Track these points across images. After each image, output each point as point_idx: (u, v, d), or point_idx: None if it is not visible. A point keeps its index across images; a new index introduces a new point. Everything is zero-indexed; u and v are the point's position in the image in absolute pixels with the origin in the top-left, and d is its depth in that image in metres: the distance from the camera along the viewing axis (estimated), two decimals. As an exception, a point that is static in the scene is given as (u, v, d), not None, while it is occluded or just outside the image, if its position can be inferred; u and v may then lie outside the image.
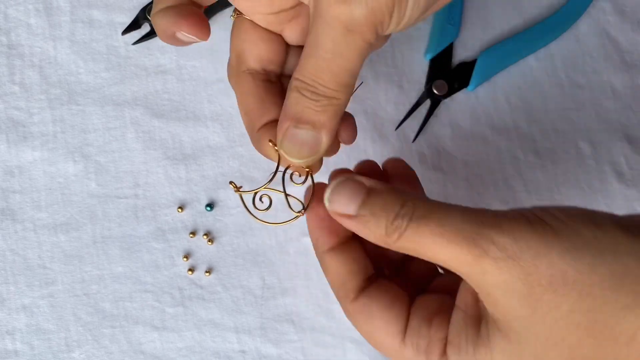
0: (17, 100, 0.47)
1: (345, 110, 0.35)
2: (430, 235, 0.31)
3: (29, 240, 0.45)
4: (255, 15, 0.37)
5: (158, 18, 0.36)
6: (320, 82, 0.33)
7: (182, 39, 0.37)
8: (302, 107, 0.33)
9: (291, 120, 0.34)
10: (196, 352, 0.43)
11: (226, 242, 0.45)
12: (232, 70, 0.39)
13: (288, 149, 0.34)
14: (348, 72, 0.33)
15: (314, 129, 0.34)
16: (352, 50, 0.32)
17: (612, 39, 0.51)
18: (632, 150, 0.49)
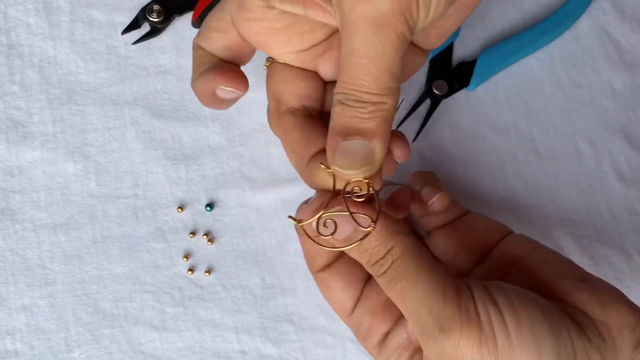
0: (17, 100, 0.47)
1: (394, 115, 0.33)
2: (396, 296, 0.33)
3: (28, 240, 0.45)
4: (288, 56, 0.36)
5: (197, 82, 0.37)
6: (363, 89, 0.31)
7: (222, 96, 0.36)
8: (348, 118, 0.31)
9: (339, 134, 0.32)
10: (196, 352, 0.43)
11: (226, 242, 0.45)
12: (273, 115, 0.37)
13: (341, 163, 0.32)
14: (388, 72, 0.31)
15: (364, 138, 0.32)
16: (387, 46, 0.30)
17: (612, 38, 0.51)
18: (632, 150, 0.49)
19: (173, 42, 0.49)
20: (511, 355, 0.30)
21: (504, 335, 0.31)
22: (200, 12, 0.48)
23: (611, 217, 0.48)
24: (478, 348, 0.30)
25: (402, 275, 0.32)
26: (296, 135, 0.36)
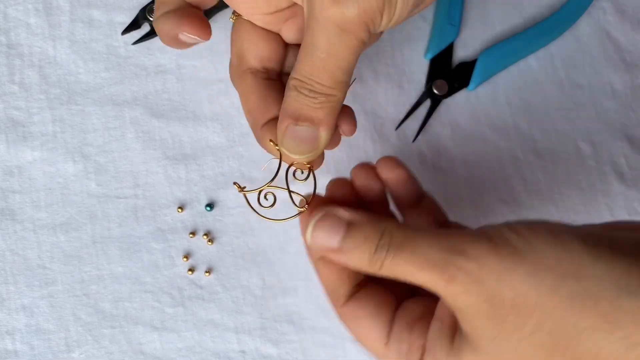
0: (17, 100, 0.47)
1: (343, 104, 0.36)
2: (406, 264, 0.33)
3: (28, 240, 0.45)
4: (254, 16, 0.38)
5: (160, 22, 0.38)
6: (317, 80, 0.34)
7: (184, 40, 0.38)
8: (300, 105, 0.35)
9: (290, 118, 0.35)
10: (196, 352, 0.43)
11: (226, 242, 0.45)
12: (234, 70, 0.40)
13: (288, 146, 0.36)
14: (343, 70, 0.34)
15: (312, 125, 0.35)
16: (347, 49, 0.34)
17: (612, 38, 0.51)
18: (632, 150, 0.49)
19: (173, 42, 0.49)
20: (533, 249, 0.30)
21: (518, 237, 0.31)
22: (200, 12, 0.48)
23: (611, 217, 0.48)
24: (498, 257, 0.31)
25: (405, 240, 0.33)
26: (254, 98, 0.38)
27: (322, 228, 0.34)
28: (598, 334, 0.29)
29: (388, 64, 0.49)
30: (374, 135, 0.48)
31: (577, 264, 0.30)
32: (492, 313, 0.31)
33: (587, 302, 0.29)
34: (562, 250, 0.30)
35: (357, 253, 0.34)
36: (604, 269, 0.30)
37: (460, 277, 0.31)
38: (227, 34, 0.49)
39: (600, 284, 0.29)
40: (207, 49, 0.49)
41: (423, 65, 0.49)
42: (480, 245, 0.31)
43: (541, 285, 0.30)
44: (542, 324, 0.30)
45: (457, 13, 0.50)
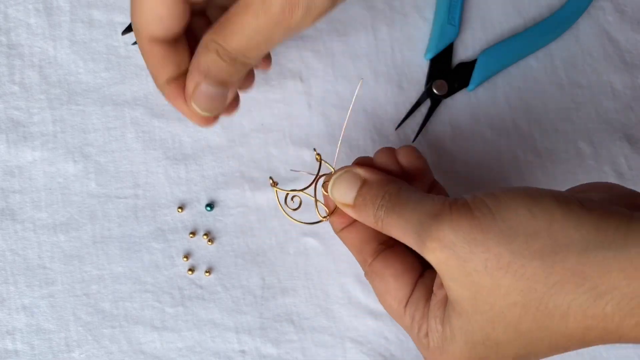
0: (17, 100, 0.47)
1: None
2: (394, 226, 0.35)
3: (28, 240, 0.45)
4: None
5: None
6: (243, 55, 0.35)
7: None
8: (217, 68, 0.35)
9: (203, 76, 0.36)
10: (196, 352, 0.44)
11: (226, 242, 0.45)
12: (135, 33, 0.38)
13: (200, 103, 0.37)
14: (271, 47, 0.35)
15: (224, 87, 0.36)
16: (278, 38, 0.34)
17: (612, 39, 0.51)
18: (632, 150, 0.49)
19: (173, 42, 0.49)
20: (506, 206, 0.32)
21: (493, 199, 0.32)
22: (200, 12, 0.48)
23: (611, 217, 0.48)
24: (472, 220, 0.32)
25: (397, 202, 0.36)
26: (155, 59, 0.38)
27: (341, 183, 0.38)
28: (567, 288, 0.31)
29: (388, 64, 0.49)
30: (374, 135, 0.48)
31: (549, 219, 0.31)
32: (465, 278, 0.32)
33: (557, 257, 0.31)
34: (534, 206, 0.32)
35: (365, 210, 0.37)
36: (574, 224, 0.31)
37: (430, 243, 0.33)
38: (227, 34, 0.49)
39: (570, 238, 0.31)
40: (207, 49, 0.49)
41: (423, 66, 0.49)
42: (456, 210, 0.33)
43: (514, 243, 0.31)
44: (515, 283, 0.31)
45: (457, 13, 0.50)
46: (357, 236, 0.40)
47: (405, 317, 0.38)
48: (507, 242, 0.31)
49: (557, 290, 0.31)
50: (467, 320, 0.33)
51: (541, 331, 0.32)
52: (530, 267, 0.31)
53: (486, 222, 0.32)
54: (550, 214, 0.31)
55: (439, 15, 0.50)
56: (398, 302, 0.38)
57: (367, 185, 0.38)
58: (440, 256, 0.33)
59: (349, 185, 0.38)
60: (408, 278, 0.38)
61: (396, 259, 0.39)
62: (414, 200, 0.35)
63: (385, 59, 0.49)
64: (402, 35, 0.50)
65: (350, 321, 0.44)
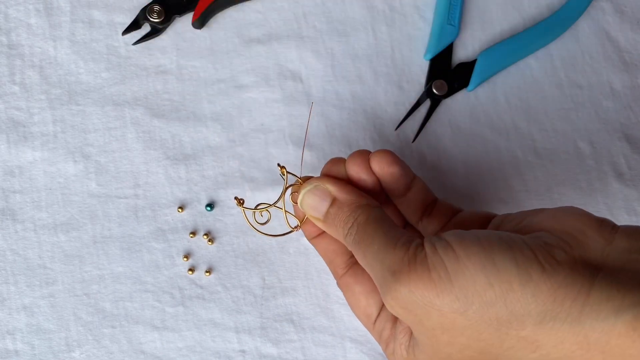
0: (18, 101, 0.47)
1: None
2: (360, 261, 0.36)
3: (29, 240, 0.45)
4: None
5: None
6: None
7: None
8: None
9: None
10: (196, 352, 0.44)
11: (226, 242, 0.46)
12: None
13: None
14: None
15: None
16: None
17: (612, 39, 0.51)
18: (632, 150, 0.49)
19: (173, 42, 0.49)
20: (463, 272, 0.31)
21: (452, 259, 0.32)
22: (200, 13, 0.48)
23: (610, 217, 0.48)
24: (429, 283, 0.32)
25: (363, 237, 0.35)
26: None
27: (310, 198, 0.38)
28: (520, 353, 0.31)
29: (388, 64, 0.49)
30: (374, 135, 0.48)
31: (506, 289, 0.31)
32: (425, 330, 0.33)
33: (513, 326, 0.31)
34: (494, 273, 0.31)
35: (335, 228, 0.37)
36: (531, 293, 0.30)
37: (391, 301, 0.33)
38: (226, 34, 0.49)
39: (525, 308, 0.30)
40: (207, 50, 0.49)
41: (423, 66, 0.49)
42: (414, 268, 0.32)
43: (469, 310, 0.31)
44: (470, 344, 0.32)
45: (456, 13, 0.50)
46: (329, 247, 0.41)
47: (374, 333, 0.39)
48: (463, 309, 0.31)
49: (511, 354, 0.32)
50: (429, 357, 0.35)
51: None
52: (486, 333, 0.31)
53: (442, 287, 0.32)
54: (508, 284, 0.31)
55: (438, 15, 0.50)
56: (367, 318, 0.39)
57: (336, 205, 0.38)
58: (399, 312, 0.33)
59: (319, 200, 0.38)
60: (377, 296, 0.39)
61: (366, 274, 0.39)
62: (378, 243, 0.35)
63: (385, 59, 0.49)
64: (402, 35, 0.50)
65: (350, 321, 0.44)
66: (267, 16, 0.50)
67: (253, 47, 0.49)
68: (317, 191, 0.38)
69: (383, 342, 0.39)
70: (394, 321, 0.38)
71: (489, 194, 0.48)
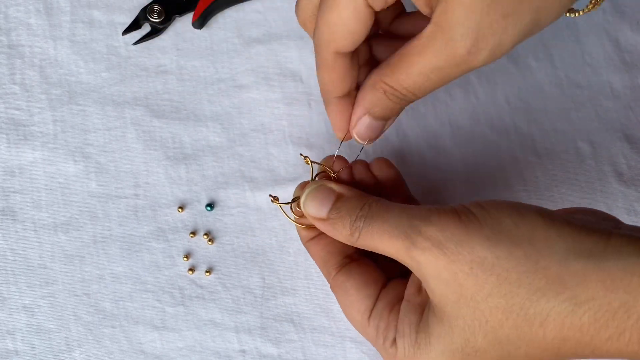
0: (18, 101, 0.47)
1: None
2: (378, 233, 0.35)
3: (29, 240, 0.45)
4: None
5: None
6: (413, 93, 0.36)
7: None
8: (382, 107, 0.37)
9: (367, 112, 0.37)
10: (196, 351, 0.44)
11: (226, 242, 0.46)
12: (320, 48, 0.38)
13: (360, 132, 0.38)
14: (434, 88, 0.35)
15: (385, 121, 0.38)
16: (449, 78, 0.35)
17: (612, 38, 0.51)
18: (632, 150, 0.49)
19: (173, 42, 0.49)
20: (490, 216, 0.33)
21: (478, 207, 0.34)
22: (200, 13, 0.48)
23: (611, 217, 0.48)
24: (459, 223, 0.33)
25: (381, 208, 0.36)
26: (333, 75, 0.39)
27: (314, 198, 0.38)
28: (548, 295, 0.31)
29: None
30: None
31: (531, 229, 0.32)
32: (451, 278, 0.33)
33: (539, 265, 0.32)
34: (518, 217, 0.33)
35: (340, 222, 0.37)
36: (555, 233, 0.32)
37: (420, 243, 0.33)
38: (226, 34, 0.49)
39: (551, 247, 0.32)
40: (207, 50, 0.49)
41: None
42: (444, 213, 0.34)
43: (498, 249, 0.32)
44: (499, 287, 0.32)
45: None
46: (324, 248, 0.41)
47: (370, 329, 0.38)
48: (492, 247, 0.32)
49: (538, 297, 0.32)
50: (447, 325, 0.34)
51: (519, 339, 0.33)
52: (514, 272, 0.32)
53: (472, 227, 0.33)
54: (533, 225, 0.33)
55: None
56: (361, 314, 0.38)
57: (342, 199, 0.38)
58: (429, 256, 0.33)
59: (323, 199, 0.38)
60: (371, 290, 0.39)
61: (359, 271, 0.39)
62: (399, 207, 0.36)
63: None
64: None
65: (350, 321, 0.44)
66: (267, 16, 0.50)
67: (253, 47, 0.49)
68: (321, 189, 0.39)
69: (381, 336, 0.38)
70: (391, 308, 0.38)
71: (489, 194, 0.48)
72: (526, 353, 0.33)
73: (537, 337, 0.32)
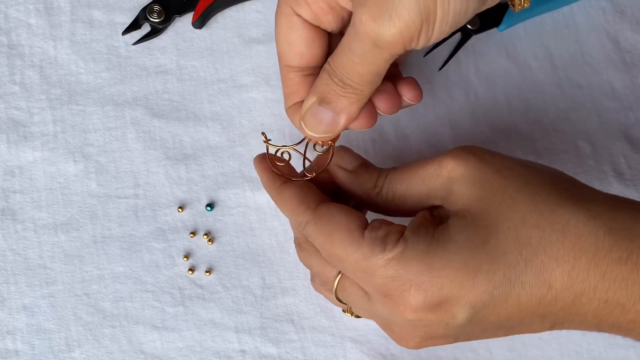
0: (18, 100, 0.47)
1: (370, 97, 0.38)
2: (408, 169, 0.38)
3: (29, 240, 0.45)
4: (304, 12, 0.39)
5: None
6: (348, 76, 0.36)
7: None
8: (328, 89, 0.37)
9: (317, 97, 0.37)
10: (196, 351, 0.44)
11: (226, 242, 0.46)
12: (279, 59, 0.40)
13: (308, 122, 0.38)
14: (373, 74, 0.36)
15: (334, 111, 0.37)
16: (378, 59, 0.35)
17: (612, 38, 0.51)
18: (632, 150, 0.49)
19: (173, 42, 0.49)
20: None
21: None
22: (200, 13, 0.48)
23: (611, 217, 0.48)
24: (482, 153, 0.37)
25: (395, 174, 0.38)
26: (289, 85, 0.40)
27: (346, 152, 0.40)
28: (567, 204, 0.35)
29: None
30: (374, 135, 0.48)
31: None
32: (481, 177, 0.35)
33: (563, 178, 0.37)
34: None
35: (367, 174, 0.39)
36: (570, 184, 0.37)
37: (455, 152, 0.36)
38: (226, 34, 0.49)
39: None
40: (207, 50, 0.49)
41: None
42: None
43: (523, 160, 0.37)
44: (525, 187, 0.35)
45: None
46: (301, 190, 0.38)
47: (364, 243, 0.35)
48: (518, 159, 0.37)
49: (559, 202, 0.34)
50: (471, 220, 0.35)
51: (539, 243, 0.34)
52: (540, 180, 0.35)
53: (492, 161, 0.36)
54: None
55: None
56: (354, 230, 0.35)
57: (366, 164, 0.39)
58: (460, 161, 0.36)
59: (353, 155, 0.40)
60: (358, 215, 0.37)
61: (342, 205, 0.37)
62: None
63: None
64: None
65: (350, 321, 0.44)
66: (267, 16, 0.50)
67: (253, 47, 0.49)
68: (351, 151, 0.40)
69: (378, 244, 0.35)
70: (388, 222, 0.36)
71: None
72: (542, 262, 0.34)
73: (557, 241, 0.33)
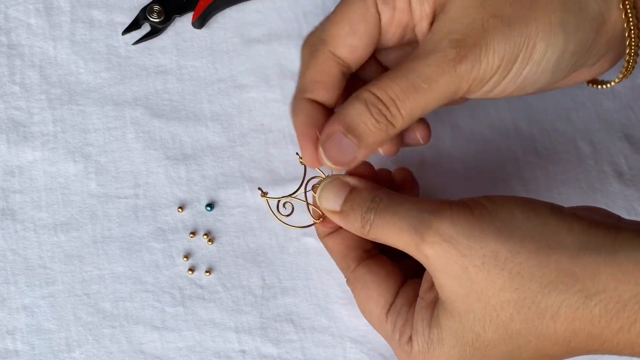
0: (18, 100, 0.47)
1: None
2: (387, 225, 0.35)
3: (29, 240, 0.45)
4: None
5: None
6: (398, 105, 0.34)
7: None
8: (360, 121, 0.34)
9: (343, 126, 0.34)
10: (196, 352, 0.44)
11: (226, 242, 0.46)
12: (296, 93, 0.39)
13: (329, 151, 0.35)
14: (424, 108, 0.34)
15: (358, 144, 0.35)
16: (444, 91, 0.33)
17: (612, 39, 0.51)
18: (632, 150, 0.49)
19: (173, 42, 0.49)
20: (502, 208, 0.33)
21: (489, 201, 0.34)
22: (200, 12, 0.48)
23: (611, 217, 0.48)
24: (471, 217, 0.33)
25: (391, 201, 0.36)
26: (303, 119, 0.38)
27: (328, 190, 0.38)
28: (559, 288, 0.32)
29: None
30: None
31: (542, 223, 0.33)
32: (461, 273, 0.33)
33: (551, 258, 0.32)
34: (530, 211, 0.33)
35: (352, 215, 0.36)
36: (566, 228, 0.32)
37: (429, 237, 0.33)
38: (226, 34, 0.49)
39: (562, 241, 0.32)
40: (207, 50, 0.49)
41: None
42: (455, 207, 0.34)
43: (511, 241, 0.32)
44: (511, 281, 0.32)
45: None
46: (343, 242, 0.40)
47: (387, 325, 0.38)
48: (504, 240, 0.32)
49: (550, 290, 0.32)
50: (458, 320, 0.34)
51: (530, 333, 0.33)
52: (526, 266, 0.32)
53: (484, 220, 0.33)
54: (544, 218, 0.33)
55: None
56: (380, 309, 0.38)
57: (355, 192, 0.37)
58: (438, 250, 0.33)
59: (337, 192, 0.37)
60: (391, 285, 0.38)
61: (379, 266, 0.39)
62: (409, 201, 0.35)
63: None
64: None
65: (350, 321, 0.44)
66: (267, 16, 0.50)
67: (253, 47, 0.49)
68: (335, 182, 0.38)
69: (397, 332, 0.37)
70: (410, 305, 0.37)
71: (489, 194, 0.48)
72: (536, 347, 0.33)
73: (548, 331, 0.32)
